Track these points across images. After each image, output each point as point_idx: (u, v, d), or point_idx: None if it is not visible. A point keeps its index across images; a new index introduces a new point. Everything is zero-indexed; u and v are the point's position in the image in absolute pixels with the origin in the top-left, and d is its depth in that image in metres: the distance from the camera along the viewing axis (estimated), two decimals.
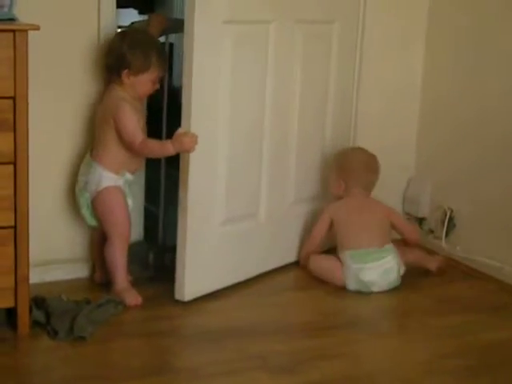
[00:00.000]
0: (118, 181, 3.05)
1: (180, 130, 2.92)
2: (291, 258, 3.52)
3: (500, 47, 3.41)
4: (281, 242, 3.45)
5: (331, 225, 3.40)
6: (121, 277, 3.06)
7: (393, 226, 3.43)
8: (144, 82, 3.02)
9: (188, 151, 2.93)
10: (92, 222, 3.11)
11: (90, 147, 3.11)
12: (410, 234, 3.49)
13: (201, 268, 3.10)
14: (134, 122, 2.97)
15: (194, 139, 2.91)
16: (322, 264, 3.36)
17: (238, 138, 3.14)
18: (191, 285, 3.07)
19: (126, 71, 2.99)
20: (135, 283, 3.15)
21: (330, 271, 3.32)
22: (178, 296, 3.07)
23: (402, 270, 3.33)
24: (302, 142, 3.44)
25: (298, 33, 3.30)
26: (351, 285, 3.27)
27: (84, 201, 3.07)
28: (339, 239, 3.36)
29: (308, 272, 3.41)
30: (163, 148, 2.96)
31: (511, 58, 3.36)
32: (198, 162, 2.98)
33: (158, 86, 3.08)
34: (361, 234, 3.31)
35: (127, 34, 3.07)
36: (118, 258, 3.06)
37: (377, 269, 3.25)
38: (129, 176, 3.08)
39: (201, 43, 2.88)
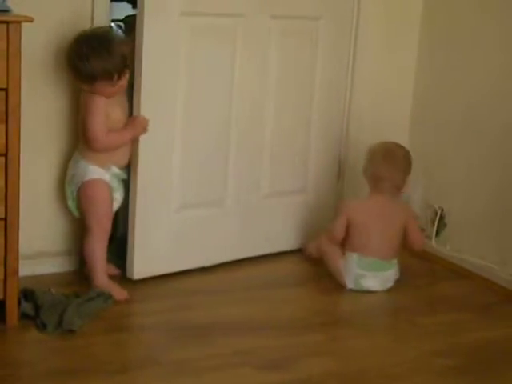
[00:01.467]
0: (103, 174, 3.05)
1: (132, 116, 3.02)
2: (266, 249, 3.53)
3: (493, 46, 3.41)
4: (253, 232, 3.46)
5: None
6: (100, 271, 3.04)
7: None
8: (102, 88, 2.96)
9: (140, 135, 3.02)
10: (77, 214, 3.12)
11: (79, 142, 3.11)
12: (415, 243, 3.40)
13: (151, 249, 3.16)
14: (99, 120, 2.97)
15: (145, 123, 3.00)
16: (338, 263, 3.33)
17: (198, 130, 3.21)
18: (141, 264, 3.14)
19: (81, 82, 2.98)
20: (123, 277, 3.16)
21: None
22: (128, 274, 3.15)
23: (398, 276, 3.34)
24: (278, 137, 3.45)
25: (275, 29, 3.31)
26: (349, 284, 3.28)
27: (70, 193, 3.08)
28: (350, 238, 3.32)
29: (293, 265, 3.46)
30: (122, 136, 3.02)
31: (504, 59, 3.37)
32: (148, 146, 3.07)
33: (126, 81, 3.01)
34: (374, 242, 3.27)
35: (78, 42, 2.96)
36: (97, 251, 3.04)
37: (378, 278, 3.26)
38: (116, 170, 3.08)
39: (152, 34, 2.96)
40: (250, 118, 3.36)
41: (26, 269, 3.02)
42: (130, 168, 3.13)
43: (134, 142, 3.06)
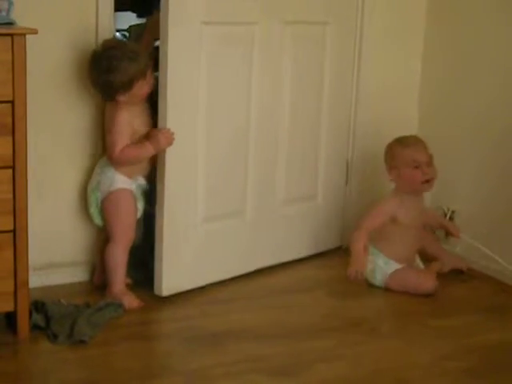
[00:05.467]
0: (130, 184, 3.07)
1: (156, 129, 2.98)
2: (282, 257, 3.52)
3: (499, 43, 3.40)
4: (269, 241, 3.44)
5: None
6: (119, 279, 3.06)
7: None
8: (139, 89, 2.99)
9: (165, 148, 2.98)
10: (99, 221, 3.12)
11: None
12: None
13: (180, 264, 3.12)
14: (119, 132, 2.98)
15: (170, 136, 2.96)
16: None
17: (219, 139, 3.17)
18: (169, 280, 3.10)
19: (120, 93, 2.98)
20: (134, 286, 3.16)
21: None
22: (156, 291, 3.10)
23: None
24: (293, 143, 3.44)
25: (288, 34, 3.30)
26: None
27: (94, 199, 3.08)
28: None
29: (304, 272, 3.45)
30: (144, 150, 2.99)
31: (509, 54, 3.36)
32: (174, 159, 3.02)
33: (153, 81, 3.05)
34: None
35: (99, 60, 2.98)
36: (119, 260, 3.06)
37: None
38: (141, 181, 3.11)
39: (177, 44, 2.93)
40: (266, 126, 3.34)
41: (36, 280, 3.03)
42: (149, 178, 3.12)
43: (160, 154, 3.01)
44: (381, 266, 3.30)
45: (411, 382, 2.63)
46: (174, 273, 3.12)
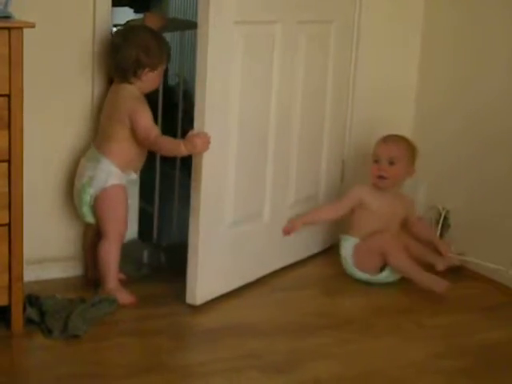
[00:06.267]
0: (123, 179, 3.05)
1: (193, 131, 2.91)
2: (292, 259, 3.51)
3: (498, 40, 3.40)
4: (283, 243, 3.42)
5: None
6: (113, 275, 3.05)
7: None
8: (158, 76, 3.06)
9: (200, 152, 2.91)
10: (90, 219, 3.09)
11: (95, 142, 3.09)
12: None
13: (212, 271, 3.08)
14: (150, 119, 3.00)
15: (207, 140, 2.89)
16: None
17: (246, 139, 3.13)
18: (203, 288, 3.05)
19: (145, 70, 3.01)
20: (129, 282, 3.15)
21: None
22: (189, 300, 3.04)
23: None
24: (302, 143, 3.44)
25: (301, 33, 3.30)
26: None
27: (86, 196, 3.04)
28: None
29: (301, 270, 3.44)
30: (176, 147, 2.94)
31: (507, 55, 3.36)
32: (210, 163, 2.96)
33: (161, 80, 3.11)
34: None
35: (129, 34, 3.05)
36: (113, 256, 3.05)
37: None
38: (133, 175, 3.10)
39: (214, 44, 2.87)
40: (283, 127, 3.31)
41: (30, 274, 3.03)
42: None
43: (197, 158, 2.94)
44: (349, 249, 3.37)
45: (405, 380, 2.63)
46: (207, 279, 3.07)
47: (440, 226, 3.65)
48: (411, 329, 3.00)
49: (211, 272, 3.07)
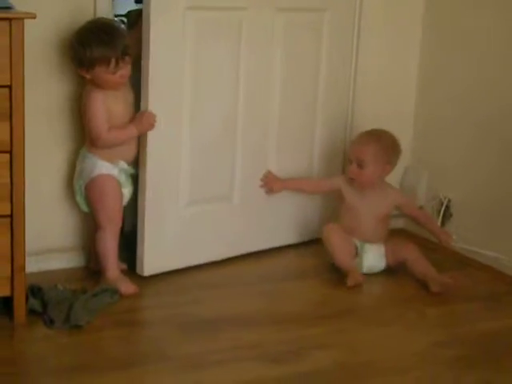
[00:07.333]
0: (112, 169, 3.05)
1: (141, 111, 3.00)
2: (270, 243, 3.53)
3: (499, 32, 3.40)
4: (258, 226, 3.46)
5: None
6: (112, 265, 3.05)
7: None
8: (101, 75, 2.94)
9: (147, 130, 3.01)
10: (85, 208, 3.12)
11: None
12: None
13: (161, 245, 3.16)
14: (99, 115, 2.97)
15: (152, 119, 3.00)
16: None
17: (206, 124, 3.20)
18: (151, 261, 3.14)
19: (82, 68, 2.97)
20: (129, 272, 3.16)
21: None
22: (138, 270, 3.15)
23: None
24: (284, 131, 3.45)
25: (279, 21, 3.29)
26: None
27: (78, 187, 3.08)
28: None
29: (298, 259, 3.46)
30: (127, 132, 3.01)
31: (507, 52, 3.36)
32: (156, 142, 3.06)
33: (127, 71, 2.99)
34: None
35: (80, 29, 2.98)
36: (109, 245, 3.05)
37: None
38: (124, 165, 3.08)
39: (159, 30, 2.95)
40: (256, 112, 3.35)
41: (33, 265, 3.04)
42: (137, 163, 3.13)
43: (143, 137, 3.05)
44: None
45: (406, 369, 2.63)
46: (156, 253, 3.16)
47: (442, 215, 3.66)
48: (413, 318, 3.00)
49: (162, 247, 3.16)
